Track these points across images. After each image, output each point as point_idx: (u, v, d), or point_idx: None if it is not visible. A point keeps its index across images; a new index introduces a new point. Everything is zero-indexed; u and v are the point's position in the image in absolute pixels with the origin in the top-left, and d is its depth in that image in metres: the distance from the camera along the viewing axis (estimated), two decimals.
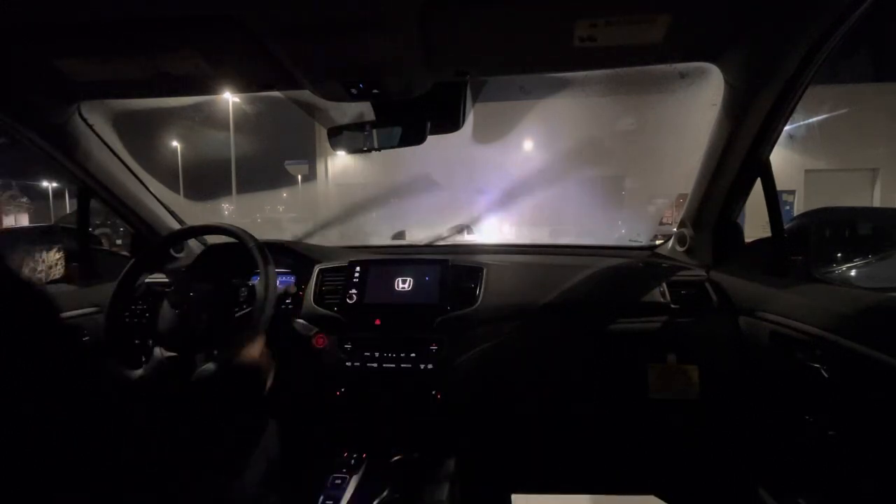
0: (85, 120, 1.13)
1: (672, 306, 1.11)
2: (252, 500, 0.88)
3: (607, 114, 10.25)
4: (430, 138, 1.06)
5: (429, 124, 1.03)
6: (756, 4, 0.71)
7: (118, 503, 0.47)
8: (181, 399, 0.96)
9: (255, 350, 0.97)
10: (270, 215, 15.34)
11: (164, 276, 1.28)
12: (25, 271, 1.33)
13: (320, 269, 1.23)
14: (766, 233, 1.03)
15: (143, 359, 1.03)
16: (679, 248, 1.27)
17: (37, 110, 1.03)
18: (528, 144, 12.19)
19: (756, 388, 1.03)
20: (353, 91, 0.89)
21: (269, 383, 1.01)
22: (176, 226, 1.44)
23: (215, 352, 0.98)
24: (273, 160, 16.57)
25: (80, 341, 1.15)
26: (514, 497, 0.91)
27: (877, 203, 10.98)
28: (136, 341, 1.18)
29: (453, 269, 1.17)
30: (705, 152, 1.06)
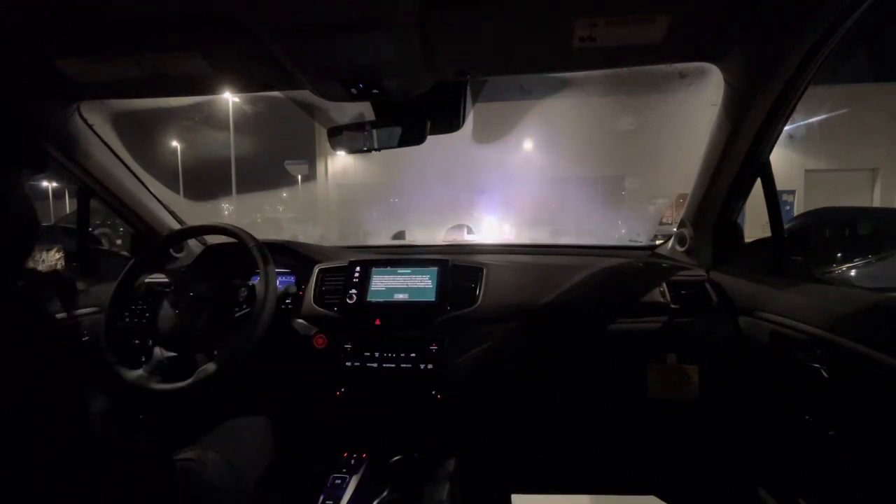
0: (85, 120, 1.13)
1: (672, 306, 1.11)
2: (252, 500, 0.88)
3: (607, 114, 10.25)
4: (431, 138, 1.06)
5: (429, 124, 1.03)
6: (756, 4, 0.71)
7: (117, 498, 0.47)
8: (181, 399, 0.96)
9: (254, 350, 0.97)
10: (270, 215, 15.35)
11: (164, 276, 1.29)
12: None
13: (320, 269, 1.23)
14: (766, 233, 1.03)
15: (144, 359, 1.03)
16: (679, 248, 1.27)
17: (37, 110, 1.03)
18: (528, 144, 12.19)
19: (756, 388, 1.03)
20: (353, 91, 0.89)
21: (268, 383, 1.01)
22: (176, 226, 1.44)
23: (215, 352, 0.98)
24: (273, 160, 16.58)
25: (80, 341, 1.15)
26: (514, 497, 0.91)
27: (877, 203, 10.98)
28: (136, 341, 1.18)
29: (453, 269, 1.16)
30: (705, 152, 1.06)
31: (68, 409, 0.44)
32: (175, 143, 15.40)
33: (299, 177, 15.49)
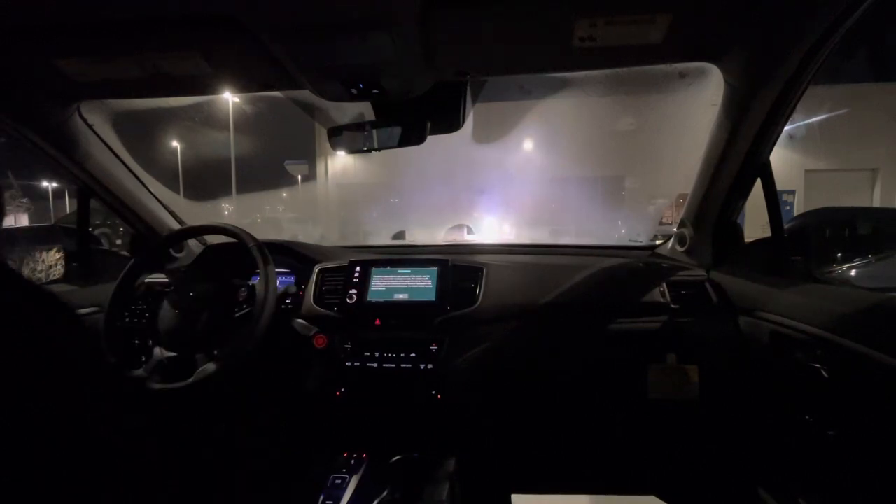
0: (85, 120, 1.13)
1: (672, 306, 1.11)
2: (252, 500, 0.88)
3: (607, 114, 10.24)
4: (431, 138, 1.06)
5: (429, 124, 1.03)
6: (756, 4, 0.71)
7: (117, 499, 0.47)
8: (181, 399, 0.96)
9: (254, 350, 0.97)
10: (270, 215, 15.35)
11: (164, 276, 1.29)
12: (26, 271, 1.33)
13: (320, 269, 1.23)
14: (766, 233, 1.03)
15: (143, 359, 1.03)
16: (679, 248, 1.27)
17: (37, 110, 1.03)
18: (528, 144, 12.19)
19: (756, 388, 1.03)
20: (353, 91, 0.89)
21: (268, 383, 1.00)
22: (176, 226, 1.44)
23: (215, 352, 0.98)
24: (273, 160, 16.59)
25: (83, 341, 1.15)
26: (514, 497, 0.91)
27: (877, 203, 10.97)
28: (136, 341, 1.18)
29: (453, 269, 1.16)
30: (705, 152, 1.06)
31: (68, 409, 0.44)
32: (175, 143, 15.39)
33: (299, 177, 15.50)
